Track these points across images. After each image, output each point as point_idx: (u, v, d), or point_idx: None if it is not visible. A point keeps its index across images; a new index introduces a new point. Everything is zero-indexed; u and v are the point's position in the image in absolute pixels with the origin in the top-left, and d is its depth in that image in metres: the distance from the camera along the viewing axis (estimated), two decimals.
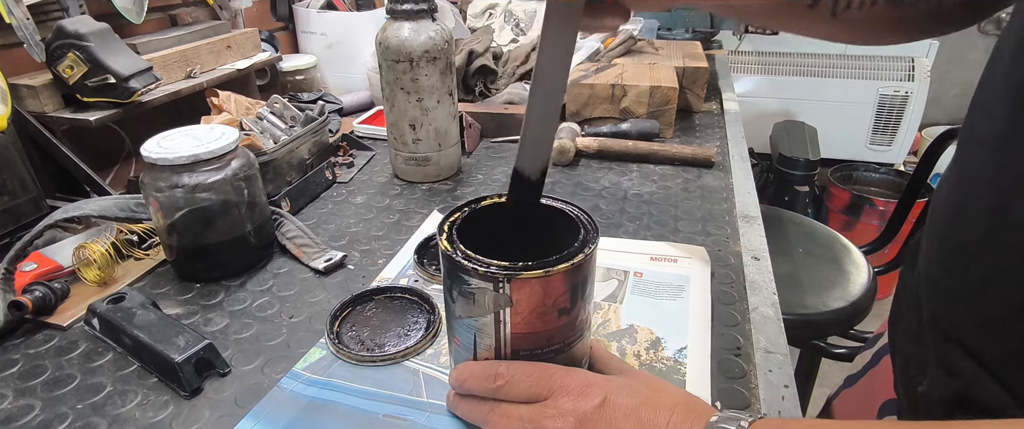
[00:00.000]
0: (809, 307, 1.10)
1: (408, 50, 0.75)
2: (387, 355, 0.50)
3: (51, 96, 0.80)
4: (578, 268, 0.37)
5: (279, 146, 0.75)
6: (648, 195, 0.81)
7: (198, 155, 0.56)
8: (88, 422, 0.44)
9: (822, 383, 1.35)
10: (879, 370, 0.55)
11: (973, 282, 0.37)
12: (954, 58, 2.54)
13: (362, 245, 0.69)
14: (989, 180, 0.35)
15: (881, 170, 2.33)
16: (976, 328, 0.37)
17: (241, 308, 0.57)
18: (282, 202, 0.73)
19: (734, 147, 0.97)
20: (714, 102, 1.22)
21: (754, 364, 0.49)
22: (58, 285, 0.56)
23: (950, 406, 0.39)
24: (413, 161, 0.84)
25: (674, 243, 0.67)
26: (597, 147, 0.92)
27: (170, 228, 0.59)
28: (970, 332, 0.37)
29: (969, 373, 0.37)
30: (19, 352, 0.51)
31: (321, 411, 0.45)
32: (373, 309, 0.57)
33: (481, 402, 0.40)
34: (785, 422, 0.35)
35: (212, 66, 1.01)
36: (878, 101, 2.19)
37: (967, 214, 0.37)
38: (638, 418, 0.35)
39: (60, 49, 0.77)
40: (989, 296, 0.35)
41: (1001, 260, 0.34)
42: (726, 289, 0.59)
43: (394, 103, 0.80)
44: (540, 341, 0.39)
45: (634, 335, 0.53)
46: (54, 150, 0.76)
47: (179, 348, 0.47)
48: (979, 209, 0.36)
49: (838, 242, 1.30)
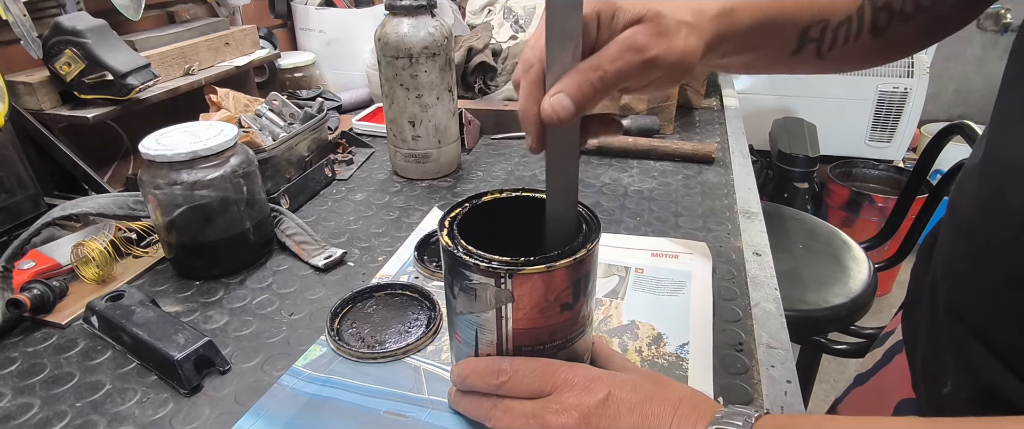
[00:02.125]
0: (810, 303, 1.09)
1: (407, 46, 0.75)
2: (388, 352, 0.50)
3: (48, 93, 0.80)
4: (580, 263, 0.37)
5: (278, 143, 0.75)
6: (649, 191, 0.80)
7: (197, 152, 0.55)
8: (87, 420, 0.44)
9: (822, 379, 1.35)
10: (892, 368, 0.54)
11: (1002, 279, 0.36)
12: (953, 55, 2.54)
13: (362, 242, 0.69)
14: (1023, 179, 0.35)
15: (880, 167, 2.33)
16: (1004, 324, 0.37)
17: (241, 305, 0.57)
18: (281, 199, 0.73)
19: (734, 143, 0.97)
20: (714, 98, 1.22)
21: (756, 360, 0.49)
22: (56, 283, 0.56)
23: (976, 407, 0.39)
24: (413, 158, 0.83)
25: (675, 239, 0.67)
26: (597, 143, 0.92)
27: (169, 225, 0.58)
28: (995, 328, 0.37)
29: (991, 369, 0.37)
30: (17, 350, 0.51)
31: (321, 408, 0.44)
32: (373, 306, 0.56)
33: (483, 398, 0.40)
34: (792, 418, 0.34)
35: (210, 63, 1.00)
36: (877, 97, 2.19)
37: (996, 211, 0.37)
38: (642, 413, 0.35)
39: (57, 46, 0.77)
40: (1021, 292, 0.35)
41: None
42: (727, 285, 0.59)
43: (393, 100, 0.80)
44: (542, 337, 0.39)
45: (636, 331, 0.52)
46: (52, 147, 0.75)
47: (179, 346, 0.46)
48: (1010, 206, 0.35)
49: (838, 238, 1.30)
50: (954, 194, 0.43)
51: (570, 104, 0.33)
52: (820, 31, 0.43)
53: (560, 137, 0.36)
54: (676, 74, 0.36)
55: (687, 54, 0.35)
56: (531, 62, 0.35)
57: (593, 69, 0.33)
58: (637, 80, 0.36)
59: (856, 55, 0.45)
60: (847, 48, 0.44)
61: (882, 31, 0.44)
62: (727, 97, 1.22)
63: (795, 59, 0.45)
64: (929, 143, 1.34)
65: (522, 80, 0.35)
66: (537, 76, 0.35)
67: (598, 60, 0.34)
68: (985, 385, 0.37)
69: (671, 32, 0.35)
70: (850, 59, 0.46)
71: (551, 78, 0.34)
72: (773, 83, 2.26)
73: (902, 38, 0.45)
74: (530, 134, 0.36)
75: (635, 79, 0.35)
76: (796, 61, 0.45)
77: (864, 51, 0.45)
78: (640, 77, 0.35)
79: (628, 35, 0.34)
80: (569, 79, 0.33)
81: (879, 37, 0.44)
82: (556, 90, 0.33)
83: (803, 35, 0.43)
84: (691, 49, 0.36)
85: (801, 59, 0.45)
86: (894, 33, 0.44)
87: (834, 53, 0.44)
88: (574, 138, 0.36)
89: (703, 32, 0.37)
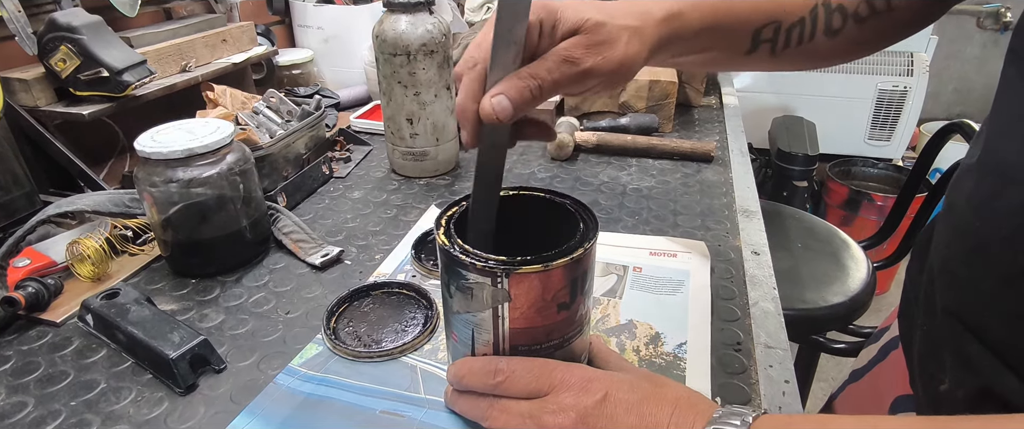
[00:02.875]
0: (808, 302, 1.09)
1: (405, 43, 0.75)
2: (384, 351, 0.49)
3: (44, 90, 0.79)
4: (577, 262, 0.36)
5: (275, 140, 0.74)
6: (647, 190, 0.80)
7: (193, 149, 0.55)
8: (82, 419, 0.44)
9: (820, 378, 1.35)
10: (887, 365, 0.54)
11: (998, 278, 0.36)
12: (952, 54, 2.54)
13: (359, 240, 0.68)
14: (1020, 178, 0.35)
15: (879, 165, 2.33)
16: (1002, 323, 0.37)
17: (237, 304, 0.57)
18: (278, 197, 0.73)
19: (733, 142, 0.97)
20: (713, 97, 1.21)
21: (754, 359, 0.49)
22: (51, 281, 0.56)
23: (973, 404, 0.39)
24: (410, 156, 0.83)
25: (673, 238, 0.67)
26: (596, 141, 0.91)
27: (165, 223, 0.58)
28: (994, 327, 0.37)
29: (989, 368, 0.37)
30: (12, 349, 0.51)
31: (317, 407, 0.44)
32: (370, 305, 0.56)
33: (480, 398, 0.40)
34: (790, 418, 0.34)
35: (207, 60, 1.00)
36: (877, 96, 2.19)
37: (993, 210, 0.37)
38: (640, 413, 0.35)
39: (52, 42, 0.76)
40: (1018, 292, 0.35)
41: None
42: (726, 284, 0.59)
43: (391, 97, 0.79)
44: (539, 336, 0.38)
45: (633, 330, 0.52)
46: (47, 145, 0.75)
47: (174, 344, 0.46)
48: (1008, 206, 0.35)
49: (837, 237, 1.29)
50: (950, 193, 0.43)
51: (508, 106, 0.35)
52: (773, 32, 0.45)
53: (493, 135, 0.38)
54: (617, 79, 0.38)
55: (627, 60, 0.37)
56: (476, 60, 0.36)
57: (531, 77, 0.35)
58: (575, 87, 0.38)
59: (810, 55, 0.47)
60: (801, 48, 0.46)
61: (836, 33, 0.45)
62: (726, 95, 1.21)
63: (749, 58, 0.46)
64: (929, 142, 1.34)
65: (465, 76, 0.37)
66: (480, 74, 0.36)
67: (536, 69, 0.36)
68: (983, 384, 0.37)
69: (610, 41, 0.36)
70: (805, 58, 0.48)
71: (492, 79, 0.36)
72: (773, 81, 2.26)
73: (858, 39, 0.46)
74: (466, 129, 0.37)
75: (572, 87, 0.37)
76: (750, 60, 0.47)
77: (818, 51, 0.47)
78: (577, 85, 0.37)
79: (564, 47, 0.36)
80: (508, 83, 0.35)
81: (833, 38, 0.46)
82: (496, 91, 0.35)
83: (755, 36, 0.45)
84: (631, 55, 0.37)
85: (755, 58, 0.46)
86: (849, 34, 0.45)
87: (788, 53, 0.46)
88: (504, 137, 0.39)
89: (647, 37, 0.38)
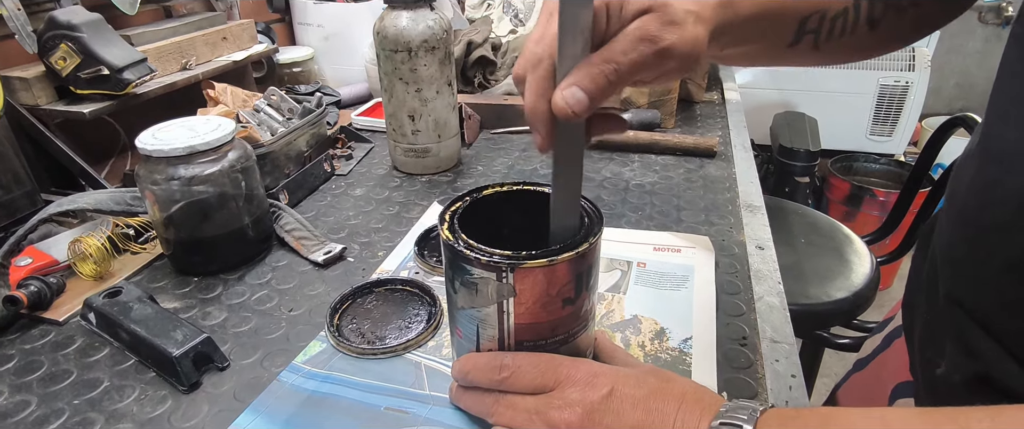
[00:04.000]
0: (812, 297, 1.09)
1: (406, 39, 0.74)
2: (388, 348, 0.49)
3: (44, 88, 0.79)
4: (582, 257, 0.36)
5: (276, 138, 0.74)
6: (650, 185, 0.80)
7: (194, 147, 0.55)
8: (85, 417, 0.43)
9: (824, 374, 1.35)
10: (891, 353, 0.54)
11: (1000, 264, 0.36)
12: (954, 48, 2.53)
13: (361, 237, 0.68)
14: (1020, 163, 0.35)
15: (881, 161, 2.33)
16: (1001, 309, 0.37)
17: (239, 301, 0.57)
18: (280, 195, 0.72)
19: (736, 137, 0.97)
20: (715, 92, 1.21)
21: (760, 354, 0.49)
22: (53, 280, 0.56)
23: (970, 388, 0.39)
24: (412, 153, 0.83)
25: (677, 233, 0.67)
26: (597, 140, 0.91)
27: (167, 221, 0.58)
28: (994, 313, 0.37)
29: (990, 354, 0.37)
30: (14, 347, 0.51)
31: (321, 404, 0.44)
32: (373, 301, 0.56)
33: (485, 394, 0.39)
34: (798, 411, 0.34)
35: (208, 58, 1.00)
36: (878, 91, 2.18)
37: (994, 196, 0.37)
38: (646, 408, 0.34)
39: (52, 40, 0.76)
40: (1020, 277, 0.35)
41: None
42: (730, 279, 0.59)
43: (393, 94, 0.79)
44: (544, 332, 0.38)
45: (638, 326, 0.52)
46: (48, 143, 0.75)
47: (177, 342, 0.46)
48: (1008, 191, 0.35)
49: (840, 232, 1.29)
50: (952, 180, 0.43)
51: (585, 98, 0.32)
52: (818, 21, 0.43)
53: (568, 134, 0.35)
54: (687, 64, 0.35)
55: (697, 43, 0.35)
56: (539, 57, 0.34)
57: (606, 61, 0.32)
58: (651, 71, 0.34)
59: (851, 47, 0.46)
60: (843, 40, 0.45)
61: (877, 23, 0.44)
62: (728, 91, 1.21)
63: (792, 51, 0.45)
64: (931, 137, 1.34)
65: (529, 76, 0.34)
66: (547, 71, 0.33)
67: (610, 52, 0.33)
68: (982, 369, 0.38)
69: (680, 21, 0.34)
70: (845, 51, 0.46)
71: (562, 72, 0.33)
72: (774, 77, 2.25)
73: (896, 30, 0.45)
74: (539, 132, 0.34)
75: (649, 70, 0.34)
76: (792, 53, 0.45)
77: (859, 43, 0.45)
78: (654, 68, 0.34)
79: (639, 25, 0.33)
80: (581, 72, 0.32)
81: (874, 29, 0.45)
82: (568, 83, 0.32)
83: (801, 26, 0.43)
84: (700, 38, 0.35)
85: (798, 51, 0.45)
86: (888, 25, 0.45)
87: (830, 44, 0.45)
88: (581, 135, 0.35)
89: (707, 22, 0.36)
